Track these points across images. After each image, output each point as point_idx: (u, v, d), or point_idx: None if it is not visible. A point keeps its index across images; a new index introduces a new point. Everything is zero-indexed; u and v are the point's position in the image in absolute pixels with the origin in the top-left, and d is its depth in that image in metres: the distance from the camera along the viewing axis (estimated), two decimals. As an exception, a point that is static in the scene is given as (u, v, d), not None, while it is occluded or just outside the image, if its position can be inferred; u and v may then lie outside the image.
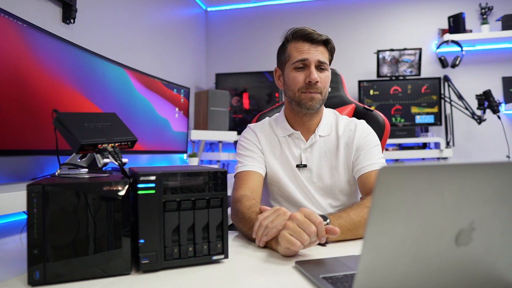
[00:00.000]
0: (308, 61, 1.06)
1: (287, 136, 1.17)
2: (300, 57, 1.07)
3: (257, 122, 1.27)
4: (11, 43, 1.17)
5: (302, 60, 1.07)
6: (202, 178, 0.72)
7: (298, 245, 0.72)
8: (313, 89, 1.07)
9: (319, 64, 1.07)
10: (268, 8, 3.48)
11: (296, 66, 1.08)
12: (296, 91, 1.09)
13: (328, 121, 1.18)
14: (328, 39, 1.10)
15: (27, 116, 1.23)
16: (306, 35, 1.07)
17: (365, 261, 0.43)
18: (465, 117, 3.03)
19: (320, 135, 1.15)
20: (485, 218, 0.46)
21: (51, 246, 0.62)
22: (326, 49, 1.10)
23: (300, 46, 1.08)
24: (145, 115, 2.03)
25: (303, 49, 1.07)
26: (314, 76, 1.05)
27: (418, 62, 3.04)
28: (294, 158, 1.15)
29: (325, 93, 1.11)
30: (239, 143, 1.21)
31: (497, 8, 3.02)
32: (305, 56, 1.06)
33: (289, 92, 1.12)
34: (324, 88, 1.09)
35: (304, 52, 1.07)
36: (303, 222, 0.72)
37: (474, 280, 0.50)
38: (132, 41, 2.28)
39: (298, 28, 1.10)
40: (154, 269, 0.68)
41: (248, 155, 1.16)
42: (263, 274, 0.68)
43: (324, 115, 1.18)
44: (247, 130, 1.23)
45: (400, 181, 0.41)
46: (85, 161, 0.84)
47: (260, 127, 1.22)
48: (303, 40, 1.08)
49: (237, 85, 3.29)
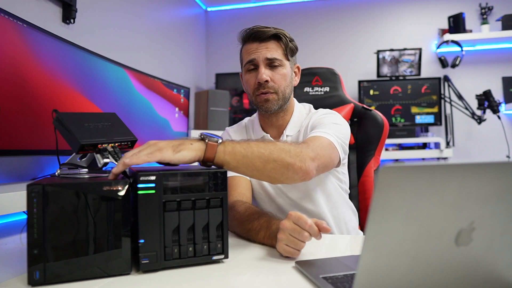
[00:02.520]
0: (256, 61, 1.03)
1: (260, 139, 1.12)
2: (248, 58, 1.03)
3: (234, 124, 1.23)
4: (11, 43, 1.17)
5: (250, 61, 1.03)
6: (202, 178, 0.72)
7: (298, 253, 0.74)
8: (264, 89, 1.02)
9: (269, 62, 1.02)
10: (268, 8, 3.48)
11: (248, 68, 1.05)
12: (252, 94, 1.06)
13: (299, 119, 1.12)
14: (277, 33, 1.03)
15: (27, 116, 1.23)
16: (252, 34, 1.03)
17: (365, 261, 0.43)
18: (465, 117, 3.03)
19: (287, 135, 1.10)
20: (485, 218, 0.46)
21: (51, 246, 0.62)
22: (278, 44, 1.04)
23: (249, 47, 1.05)
24: (145, 115, 2.03)
25: (251, 50, 1.04)
26: (261, 76, 1.01)
27: (418, 62, 3.04)
28: None
29: (282, 92, 1.04)
30: None
31: (497, 8, 3.02)
32: (252, 57, 1.03)
33: (248, 96, 1.10)
34: (279, 86, 1.03)
35: (252, 52, 1.03)
36: (294, 231, 0.73)
37: (474, 280, 0.50)
38: (132, 41, 2.28)
39: (246, 29, 1.05)
40: (154, 269, 0.68)
41: None
42: (263, 274, 0.68)
43: (295, 112, 1.12)
44: (224, 133, 1.21)
45: (400, 181, 0.41)
46: (85, 161, 0.84)
47: (235, 130, 1.19)
48: (252, 40, 1.04)
49: (237, 85, 3.29)
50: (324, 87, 1.47)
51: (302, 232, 0.72)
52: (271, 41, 1.04)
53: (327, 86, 1.47)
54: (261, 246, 0.85)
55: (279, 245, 0.75)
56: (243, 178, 1.09)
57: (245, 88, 1.11)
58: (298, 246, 0.73)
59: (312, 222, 0.72)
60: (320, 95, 1.47)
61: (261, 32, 1.02)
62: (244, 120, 1.23)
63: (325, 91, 1.47)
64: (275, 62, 1.03)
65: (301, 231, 0.72)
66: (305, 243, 0.73)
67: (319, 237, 0.73)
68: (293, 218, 0.74)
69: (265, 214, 0.89)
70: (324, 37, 3.32)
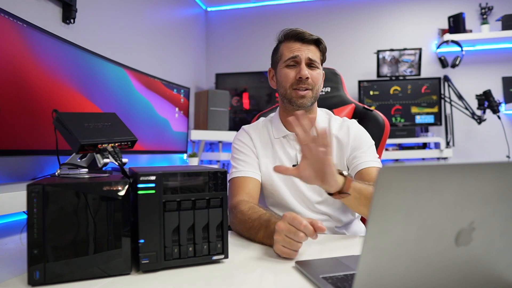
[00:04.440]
0: (299, 58, 1.08)
1: (282, 137, 1.15)
2: (291, 55, 1.09)
3: (251, 124, 1.26)
4: (11, 43, 1.17)
5: (293, 57, 1.09)
6: (202, 178, 0.72)
7: (295, 253, 0.74)
8: (304, 84, 1.08)
9: (309, 62, 1.09)
10: (268, 8, 3.48)
11: (288, 64, 1.10)
12: (288, 87, 1.10)
13: (321, 121, 1.17)
14: (319, 39, 1.12)
15: (27, 116, 1.23)
16: (297, 35, 1.10)
17: (365, 261, 0.43)
18: (465, 117, 3.03)
19: None
20: (485, 218, 0.46)
21: (51, 246, 0.62)
22: (317, 48, 1.12)
23: (291, 45, 1.11)
24: (145, 115, 2.03)
25: (294, 48, 1.10)
26: (304, 72, 1.07)
27: (418, 62, 3.04)
28: (289, 159, 1.13)
29: (316, 90, 1.11)
30: (233, 146, 1.20)
31: (497, 8, 3.02)
32: (295, 54, 1.09)
33: (281, 90, 1.13)
34: (315, 85, 1.10)
35: (295, 50, 1.09)
36: (289, 231, 0.73)
37: (474, 280, 0.50)
38: (132, 41, 2.28)
39: (289, 29, 1.12)
40: (154, 269, 0.68)
41: (242, 159, 1.14)
42: (263, 274, 0.68)
43: (318, 114, 1.18)
44: (241, 132, 1.22)
45: (400, 181, 0.41)
46: (85, 161, 0.84)
47: (254, 129, 1.20)
48: (295, 40, 1.11)
49: (237, 85, 3.29)
50: (325, 88, 1.47)
51: (298, 233, 0.72)
52: (312, 45, 1.11)
53: (328, 86, 1.47)
54: (261, 246, 0.85)
55: (276, 247, 0.76)
56: (252, 178, 1.10)
57: (279, 81, 1.14)
58: (295, 247, 0.73)
59: (307, 222, 0.72)
60: (321, 95, 1.47)
61: (306, 34, 1.10)
62: (259, 120, 1.25)
63: (326, 92, 1.47)
64: (314, 63, 1.10)
65: (296, 232, 0.72)
66: (302, 244, 0.73)
67: (315, 237, 0.73)
68: (288, 219, 0.74)
69: (266, 213, 0.89)
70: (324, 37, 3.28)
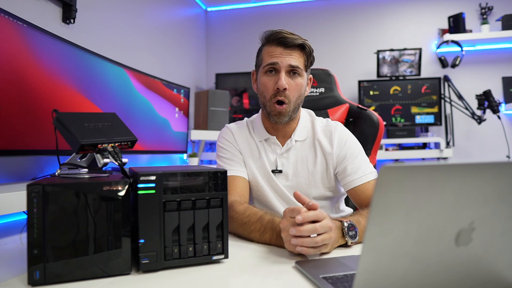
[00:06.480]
0: (278, 66, 1.02)
1: (263, 140, 1.13)
2: (270, 61, 1.03)
3: (235, 122, 1.22)
4: (11, 43, 1.17)
5: (272, 64, 1.03)
6: (202, 178, 0.72)
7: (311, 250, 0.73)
8: (281, 96, 1.03)
9: (291, 69, 1.03)
10: (268, 8, 3.48)
11: (267, 70, 1.04)
12: (268, 99, 1.06)
13: (305, 125, 1.14)
14: (303, 43, 1.04)
15: (27, 116, 1.23)
16: (279, 39, 1.03)
17: (365, 261, 0.43)
18: (465, 117, 3.03)
19: (296, 140, 1.11)
20: (485, 218, 0.46)
21: (51, 246, 0.62)
22: (302, 53, 1.05)
23: (272, 50, 1.04)
24: (145, 115, 2.03)
25: (275, 53, 1.03)
26: (282, 83, 1.01)
27: (418, 62, 3.04)
28: (270, 163, 1.11)
29: (294, 103, 1.05)
30: (217, 145, 1.17)
31: (497, 8, 3.02)
32: (274, 60, 1.02)
33: (261, 98, 1.09)
34: (294, 97, 1.04)
35: (275, 56, 1.03)
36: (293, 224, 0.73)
37: (474, 280, 0.50)
38: (132, 41, 2.28)
39: (273, 31, 1.05)
40: (154, 269, 0.68)
41: (229, 158, 1.12)
42: (263, 274, 0.68)
43: (301, 118, 1.14)
44: (225, 130, 1.18)
45: (400, 181, 0.41)
46: (85, 161, 0.84)
47: (237, 129, 1.17)
48: (276, 44, 1.03)
49: (237, 85, 3.29)
50: (319, 88, 1.48)
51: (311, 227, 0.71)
52: (296, 50, 1.04)
53: (322, 87, 1.47)
54: (261, 246, 0.85)
55: (287, 245, 0.76)
56: (241, 178, 1.09)
57: (259, 89, 1.09)
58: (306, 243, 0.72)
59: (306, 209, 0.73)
60: (315, 96, 1.47)
61: (288, 39, 1.02)
62: (244, 120, 1.22)
63: (320, 92, 1.47)
64: (296, 70, 1.03)
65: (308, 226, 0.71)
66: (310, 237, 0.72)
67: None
68: (288, 213, 0.75)
69: (265, 214, 0.89)
70: (324, 37, 3.32)
